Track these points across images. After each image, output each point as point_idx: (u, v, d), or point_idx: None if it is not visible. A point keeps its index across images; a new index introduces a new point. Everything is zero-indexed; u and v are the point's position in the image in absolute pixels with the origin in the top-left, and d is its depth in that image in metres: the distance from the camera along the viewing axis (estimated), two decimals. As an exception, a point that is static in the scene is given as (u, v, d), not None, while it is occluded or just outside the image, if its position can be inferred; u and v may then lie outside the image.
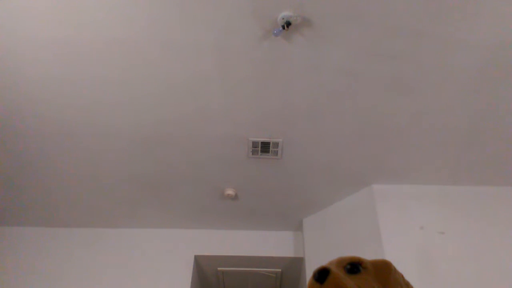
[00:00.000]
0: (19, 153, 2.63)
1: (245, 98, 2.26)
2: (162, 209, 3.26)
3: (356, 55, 1.99)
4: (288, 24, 1.79)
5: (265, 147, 2.58)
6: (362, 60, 2.01)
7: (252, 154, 2.64)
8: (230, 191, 3.00)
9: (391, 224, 2.63)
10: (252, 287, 3.86)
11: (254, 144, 2.57)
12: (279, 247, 3.46)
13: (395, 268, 0.99)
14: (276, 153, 2.62)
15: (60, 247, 3.33)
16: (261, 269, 3.58)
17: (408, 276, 1.08)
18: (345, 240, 2.84)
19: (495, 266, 2.43)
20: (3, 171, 2.79)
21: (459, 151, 2.56)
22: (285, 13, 1.78)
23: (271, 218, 3.37)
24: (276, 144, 2.57)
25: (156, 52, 2.01)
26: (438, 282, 2.36)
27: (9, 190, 2.97)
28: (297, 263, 3.48)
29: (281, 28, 1.81)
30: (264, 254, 3.41)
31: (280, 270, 3.60)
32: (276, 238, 3.50)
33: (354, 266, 0.94)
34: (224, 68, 2.09)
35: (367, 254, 1.25)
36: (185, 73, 2.12)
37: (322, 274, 0.90)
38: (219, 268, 3.57)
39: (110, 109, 2.34)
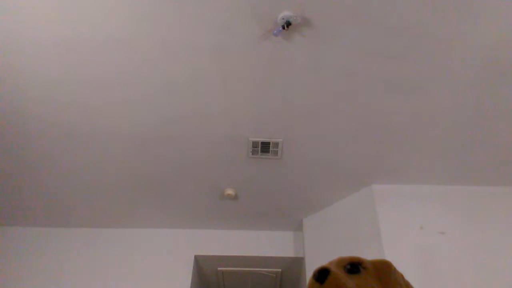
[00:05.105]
0: (19, 153, 2.63)
1: (245, 98, 2.26)
2: (162, 209, 3.26)
3: (356, 55, 1.99)
4: (288, 24, 1.79)
5: (265, 147, 2.58)
6: (362, 60, 2.01)
7: (252, 154, 2.64)
8: (230, 191, 3.00)
9: (391, 224, 2.63)
10: (252, 287, 3.86)
11: (254, 144, 2.57)
12: (279, 247, 3.45)
13: (395, 268, 0.99)
14: (276, 153, 2.62)
15: (60, 247, 3.32)
16: (261, 269, 3.58)
17: (408, 276, 1.08)
18: (345, 240, 2.84)
19: (495, 266, 2.43)
20: (3, 171, 2.79)
21: (459, 151, 2.56)
22: (285, 13, 1.78)
23: (271, 218, 3.37)
24: (276, 144, 2.56)
25: (156, 52, 2.01)
26: (438, 282, 2.36)
27: (9, 190, 2.97)
28: (297, 263, 3.48)
29: (281, 28, 1.81)
30: (264, 254, 3.41)
31: (280, 270, 3.60)
32: (276, 238, 3.50)
33: (354, 266, 0.94)
34: (224, 68, 2.08)
35: (367, 254, 1.25)
36: (184, 73, 2.12)
37: (322, 274, 0.90)
38: (219, 268, 3.57)
39: (110, 109, 2.33)
